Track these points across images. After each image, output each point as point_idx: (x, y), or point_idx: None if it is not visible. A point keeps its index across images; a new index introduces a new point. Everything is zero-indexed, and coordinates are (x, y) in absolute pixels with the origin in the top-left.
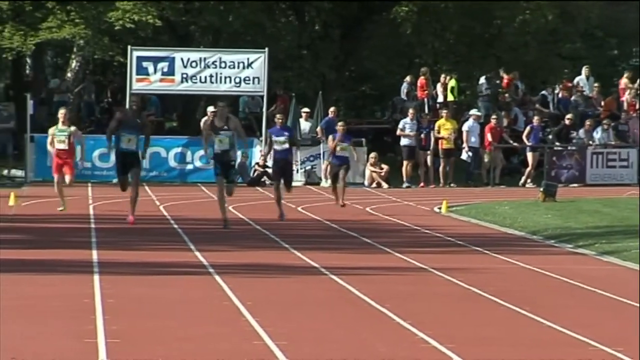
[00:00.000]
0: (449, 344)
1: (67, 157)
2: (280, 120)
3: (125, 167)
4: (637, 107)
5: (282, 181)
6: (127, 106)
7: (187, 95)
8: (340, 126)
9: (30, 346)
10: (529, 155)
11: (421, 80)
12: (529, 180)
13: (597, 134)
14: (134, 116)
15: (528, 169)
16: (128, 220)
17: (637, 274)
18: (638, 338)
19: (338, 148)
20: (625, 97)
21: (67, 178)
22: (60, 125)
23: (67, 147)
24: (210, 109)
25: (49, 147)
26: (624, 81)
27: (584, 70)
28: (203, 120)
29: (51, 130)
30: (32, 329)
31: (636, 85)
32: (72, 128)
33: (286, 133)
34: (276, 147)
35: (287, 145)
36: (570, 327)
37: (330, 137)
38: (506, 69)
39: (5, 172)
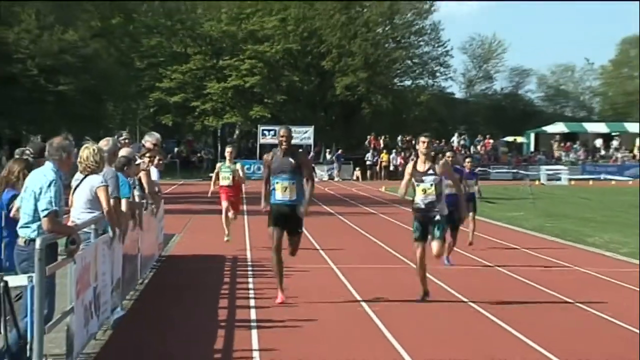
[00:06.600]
0: None
1: (233, 195)
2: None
3: (280, 222)
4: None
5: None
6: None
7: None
8: (467, 163)
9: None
10: None
11: (371, 138)
12: None
13: None
14: (286, 155)
15: None
16: (278, 300)
17: None
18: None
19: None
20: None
21: (231, 213)
22: (227, 163)
23: (231, 183)
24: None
25: (214, 177)
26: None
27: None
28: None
29: (218, 165)
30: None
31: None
32: (238, 165)
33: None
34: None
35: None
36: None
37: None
38: (412, 135)
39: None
